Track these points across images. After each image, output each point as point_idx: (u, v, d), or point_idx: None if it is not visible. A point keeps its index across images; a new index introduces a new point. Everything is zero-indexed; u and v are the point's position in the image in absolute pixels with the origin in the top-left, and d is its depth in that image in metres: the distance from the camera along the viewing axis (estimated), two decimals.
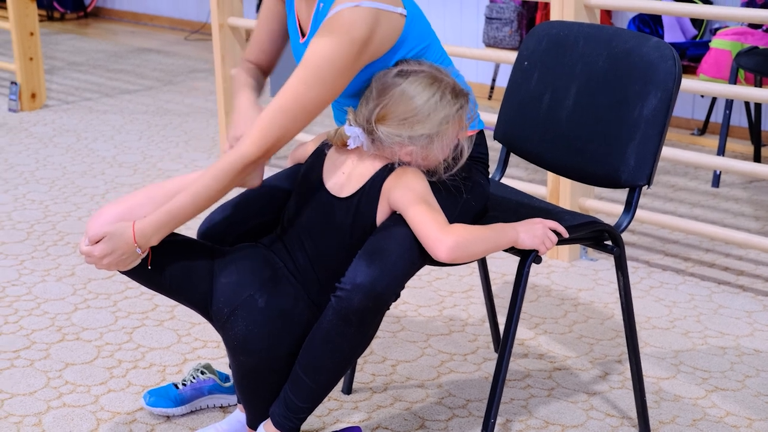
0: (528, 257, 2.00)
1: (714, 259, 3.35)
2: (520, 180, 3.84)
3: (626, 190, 2.17)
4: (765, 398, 2.48)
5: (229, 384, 2.42)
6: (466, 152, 2.00)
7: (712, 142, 4.66)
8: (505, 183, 2.44)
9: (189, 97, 5.80)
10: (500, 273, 3.23)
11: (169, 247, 1.98)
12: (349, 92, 1.99)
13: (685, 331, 2.84)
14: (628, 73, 2.13)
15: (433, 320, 2.90)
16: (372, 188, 1.95)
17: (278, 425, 2.00)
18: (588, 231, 2.14)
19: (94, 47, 7.39)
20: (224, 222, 2.11)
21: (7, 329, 2.82)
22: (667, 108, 2.06)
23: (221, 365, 2.57)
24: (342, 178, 1.99)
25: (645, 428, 2.30)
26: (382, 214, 1.95)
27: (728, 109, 4.05)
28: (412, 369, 2.61)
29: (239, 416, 2.22)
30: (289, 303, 1.96)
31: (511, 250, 2.01)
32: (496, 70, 5.48)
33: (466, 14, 5.71)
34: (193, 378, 2.40)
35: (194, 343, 2.74)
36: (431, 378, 2.57)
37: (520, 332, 2.81)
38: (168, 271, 1.98)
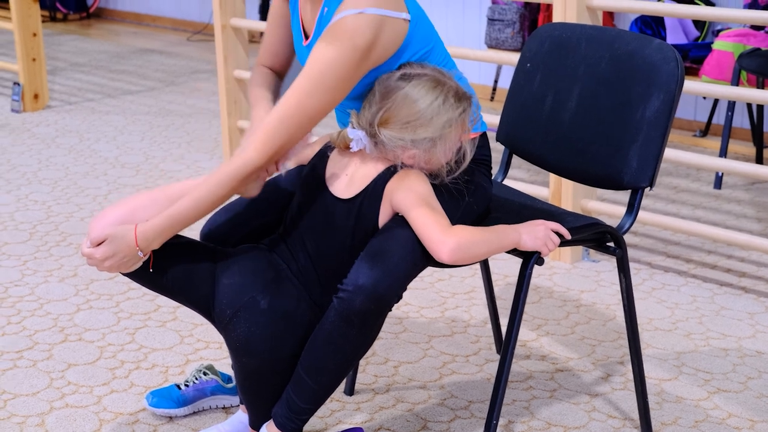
0: (530, 259, 2.00)
1: (716, 260, 3.35)
2: (522, 181, 3.84)
3: (628, 192, 2.17)
4: (767, 400, 2.48)
5: (231, 385, 2.42)
6: (469, 155, 2.01)
7: (714, 143, 4.66)
8: (507, 184, 2.45)
9: (191, 98, 5.80)
10: (502, 274, 3.23)
11: (171, 249, 1.97)
12: (353, 95, 1.99)
13: (687, 333, 2.84)
14: (630, 75, 2.13)
15: (435, 321, 2.90)
16: (375, 190, 1.95)
17: (280, 426, 2.00)
18: (590, 232, 2.14)
19: (97, 48, 7.40)
20: (227, 223, 2.11)
21: (10, 330, 2.83)
22: (669, 110, 2.06)
23: (223, 366, 2.58)
24: (345, 179, 1.99)
25: (647, 430, 2.30)
26: (384, 216, 1.95)
27: (730, 110, 4.05)
28: (414, 370, 2.62)
29: (241, 417, 2.22)
30: (291, 304, 1.96)
31: (514, 251, 2.01)
32: (498, 72, 5.49)
33: (468, 15, 5.72)
34: (196, 379, 2.41)
35: (197, 344, 2.75)
36: (433, 379, 2.57)
37: (522, 333, 2.81)
38: (170, 273, 1.98)
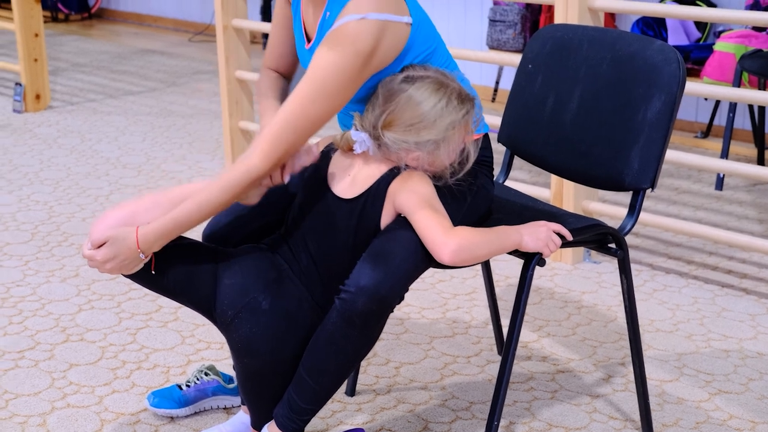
0: (532, 260, 2.00)
1: (717, 262, 3.35)
2: (523, 182, 3.84)
3: (630, 193, 2.17)
4: None
5: (232, 385, 2.43)
6: (472, 157, 2.01)
7: (715, 145, 4.66)
8: (508, 186, 2.45)
9: (193, 98, 5.80)
10: (503, 275, 3.23)
11: (172, 250, 1.97)
12: (356, 98, 1.99)
13: (689, 334, 2.84)
14: (632, 77, 2.13)
15: (436, 322, 2.90)
16: (378, 191, 1.95)
17: (282, 427, 2.00)
18: (592, 234, 2.14)
19: (98, 48, 7.40)
20: (229, 223, 2.11)
21: (12, 330, 2.83)
22: (671, 111, 2.07)
23: (225, 366, 2.58)
24: (348, 180, 1.99)
25: (648, 431, 2.30)
26: (386, 217, 1.95)
27: (732, 112, 4.05)
28: (416, 371, 2.62)
29: (243, 417, 2.22)
30: (293, 305, 1.96)
31: (515, 252, 2.01)
32: (499, 73, 5.49)
33: (470, 17, 5.72)
34: (197, 379, 2.41)
35: (198, 345, 2.75)
36: (434, 380, 2.57)
37: (524, 335, 2.81)
38: (171, 275, 1.98)
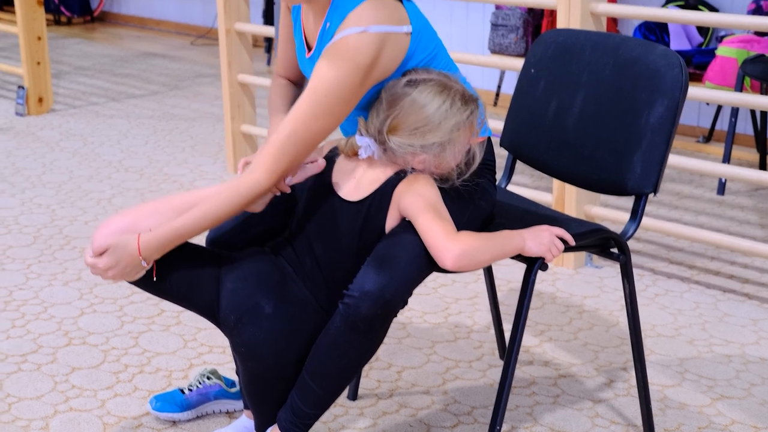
0: (534, 264, 2.01)
1: (719, 267, 3.35)
2: (525, 187, 3.84)
3: (632, 198, 2.17)
4: None
5: (235, 389, 2.43)
6: (478, 157, 2.01)
7: (717, 149, 4.66)
8: (510, 190, 2.45)
9: (195, 102, 5.81)
10: (505, 280, 3.23)
11: (175, 255, 1.97)
12: (359, 105, 1.99)
13: (691, 339, 2.84)
14: (634, 81, 2.13)
15: (438, 327, 2.90)
16: (383, 194, 1.95)
17: (285, 430, 2.00)
18: (594, 238, 2.14)
19: (101, 51, 7.41)
20: (233, 228, 2.11)
21: (15, 333, 2.83)
22: (673, 116, 2.07)
23: (227, 370, 2.58)
24: (352, 183, 1.99)
25: None
26: (391, 220, 1.95)
27: (734, 116, 4.05)
28: (418, 375, 2.62)
29: (245, 422, 2.23)
30: (297, 308, 1.96)
31: (518, 257, 2.01)
32: (501, 77, 5.49)
33: (472, 21, 5.72)
34: (199, 383, 2.41)
35: (200, 348, 2.75)
36: (436, 385, 2.57)
37: (526, 339, 2.81)
38: (174, 280, 1.98)
